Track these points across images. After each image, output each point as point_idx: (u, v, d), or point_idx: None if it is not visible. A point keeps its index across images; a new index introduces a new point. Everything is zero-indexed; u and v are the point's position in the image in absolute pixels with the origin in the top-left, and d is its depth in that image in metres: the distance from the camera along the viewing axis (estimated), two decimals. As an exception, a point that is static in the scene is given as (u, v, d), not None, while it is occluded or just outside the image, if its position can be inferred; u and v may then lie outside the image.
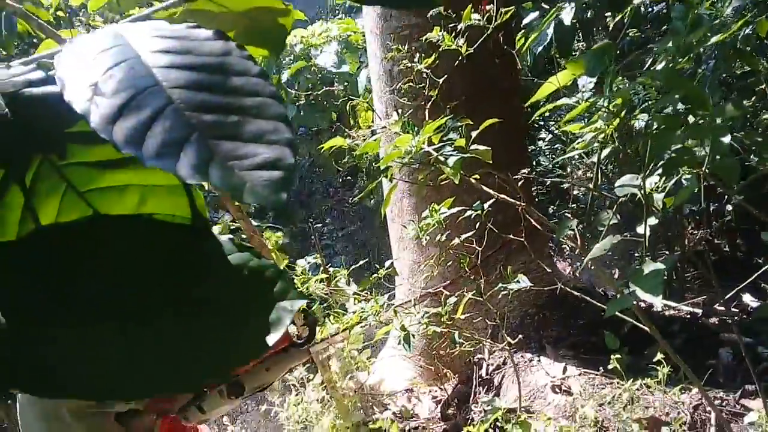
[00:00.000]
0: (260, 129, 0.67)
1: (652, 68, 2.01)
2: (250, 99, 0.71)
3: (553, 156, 6.13)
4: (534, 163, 5.81)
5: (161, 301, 0.71)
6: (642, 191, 1.55)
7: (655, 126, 1.47)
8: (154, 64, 0.72)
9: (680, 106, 1.51)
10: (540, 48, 3.90)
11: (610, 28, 3.86)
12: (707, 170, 1.50)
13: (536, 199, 5.63)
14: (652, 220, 1.61)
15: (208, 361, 0.72)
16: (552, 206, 5.92)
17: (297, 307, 0.71)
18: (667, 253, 4.56)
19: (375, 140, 1.91)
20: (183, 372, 0.71)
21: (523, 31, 2.96)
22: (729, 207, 4.67)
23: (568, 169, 5.80)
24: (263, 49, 1.20)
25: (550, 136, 6.06)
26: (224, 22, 1.12)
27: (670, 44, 1.52)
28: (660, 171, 1.59)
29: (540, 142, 6.31)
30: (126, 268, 0.72)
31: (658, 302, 1.34)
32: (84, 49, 0.73)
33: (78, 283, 0.71)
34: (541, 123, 5.74)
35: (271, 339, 0.70)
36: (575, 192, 4.88)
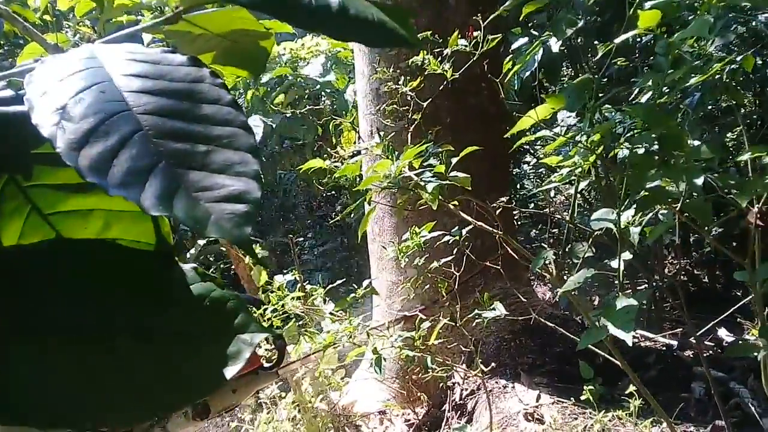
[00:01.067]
0: (228, 159, 0.67)
1: (636, 101, 2.03)
2: (220, 128, 0.70)
3: (538, 179, 6.17)
4: (518, 186, 5.85)
5: (121, 327, 0.70)
6: (617, 226, 1.55)
7: (631, 162, 1.48)
8: (126, 88, 0.71)
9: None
10: (527, 73, 3.93)
11: (599, 56, 3.89)
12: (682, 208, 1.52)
13: (519, 223, 5.65)
14: (627, 255, 1.62)
15: (165, 391, 0.70)
16: (534, 230, 5.95)
17: (257, 340, 0.70)
18: (645, 281, 4.57)
19: (355, 162, 1.91)
20: (138, 402, 0.70)
21: (510, 56, 2.98)
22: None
23: (552, 194, 5.83)
24: (243, 72, 1.20)
25: (535, 160, 6.10)
26: (205, 44, 1.11)
27: (651, 82, 1.54)
28: (636, 207, 1.60)
29: (525, 166, 6.35)
30: (87, 293, 0.71)
31: (629, 339, 1.34)
32: (55, 70, 0.72)
33: (37, 305, 0.70)
34: (527, 147, 5.78)
35: (229, 372, 0.69)
36: (557, 217, 4.90)
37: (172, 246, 0.78)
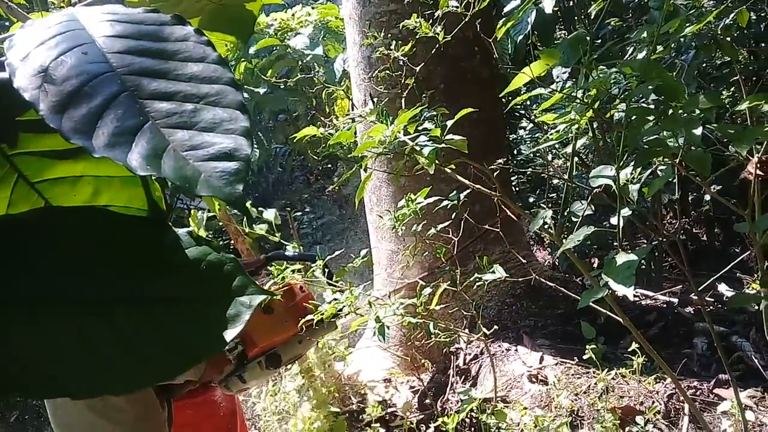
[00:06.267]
0: (217, 117, 0.65)
1: (630, 58, 2.01)
2: (207, 86, 0.69)
3: (534, 145, 6.13)
4: (515, 152, 5.82)
5: (117, 295, 0.69)
6: (616, 182, 1.54)
7: (629, 117, 1.46)
8: (109, 50, 0.69)
9: (655, 96, 1.50)
10: (521, 37, 3.88)
11: (592, 17, 3.84)
12: (681, 161, 1.50)
13: (517, 189, 5.64)
14: (626, 211, 1.60)
15: (165, 357, 0.69)
16: (532, 195, 5.93)
17: (256, 302, 0.69)
18: (644, 242, 4.58)
19: (349, 129, 1.88)
20: (139, 369, 0.69)
21: (503, 19, 2.94)
22: (707, 197, 4.71)
23: (549, 158, 5.81)
24: (231, 36, 1.17)
25: (531, 125, 6.06)
26: (190, 7, 1.09)
27: (645, 34, 1.51)
28: (634, 162, 1.58)
29: (521, 131, 6.31)
30: (79, 263, 0.70)
31: (630, 293, 1.33)
32: (35, 34, 0.70)
33: (30, 277, 0.69)
34: (522, 112, 5.74)
35: (229, 334, 0.68)
36: (555, 181, 4.89)
37: (164, 210, 0.76)
